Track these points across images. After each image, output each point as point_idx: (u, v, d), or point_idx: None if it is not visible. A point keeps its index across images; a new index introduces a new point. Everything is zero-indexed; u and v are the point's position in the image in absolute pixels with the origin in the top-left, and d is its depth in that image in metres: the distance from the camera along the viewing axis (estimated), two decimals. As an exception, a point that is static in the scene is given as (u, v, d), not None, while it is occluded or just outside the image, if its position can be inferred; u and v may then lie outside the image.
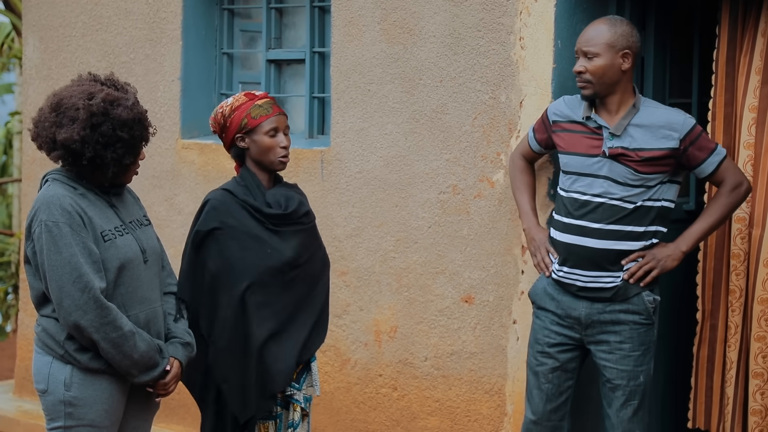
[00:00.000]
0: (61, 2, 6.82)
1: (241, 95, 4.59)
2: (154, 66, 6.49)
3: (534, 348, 4.88)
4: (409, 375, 5.63)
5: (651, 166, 4.62)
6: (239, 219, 4.49)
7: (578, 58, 4.70)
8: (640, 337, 4.72)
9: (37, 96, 6.89)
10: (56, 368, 4.08)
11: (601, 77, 4.63)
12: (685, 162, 4.67)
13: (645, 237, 4.68)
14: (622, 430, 4.76)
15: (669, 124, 4.63)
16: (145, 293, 4.18)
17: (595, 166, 4.67)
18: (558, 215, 4.79)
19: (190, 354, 4.33)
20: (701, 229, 4.75)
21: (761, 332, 4.93)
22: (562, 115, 4.82)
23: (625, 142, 4.63)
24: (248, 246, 4.48)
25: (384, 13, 5.60)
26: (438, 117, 5.46)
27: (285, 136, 4.56)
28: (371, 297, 5.73)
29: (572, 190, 4.72)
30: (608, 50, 4.62)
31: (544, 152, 5.02)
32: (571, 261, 4.73)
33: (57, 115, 4.04)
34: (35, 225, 4.02)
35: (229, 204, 4.51)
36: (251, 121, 4.52)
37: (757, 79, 4.97)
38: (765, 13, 4.95)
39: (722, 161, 4.69)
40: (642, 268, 4.67)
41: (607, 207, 4.64)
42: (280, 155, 4.54)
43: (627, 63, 4.64)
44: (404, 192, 5.59)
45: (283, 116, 4.58)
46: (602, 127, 4.67)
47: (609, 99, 4.68)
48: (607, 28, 4.64)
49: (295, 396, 4.58)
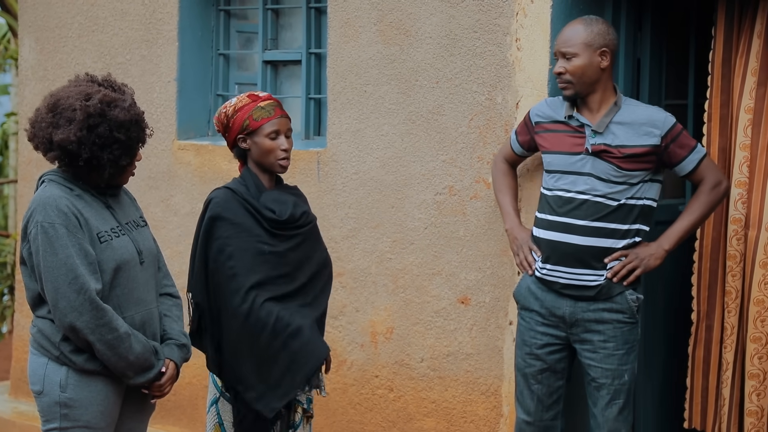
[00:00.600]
0: (57, 3, 6.82)
1: (244, 96, 4.60)
2: (151, 67, 6.48)
3: (522, 350, 4.89)
4: (405, 376, 5.63)
5: (633, 162, 4.65)
6: (239, 216, 4.51)
7: (557, 59, 4.74)
8: (624, 336, 4.73)
9: (33, 97, 6.89)
10: (52, 369, 4.08)
11: (581, 77, 4.68)
12: (666, 159, 4.72)
13: (628, 235, 4.71)
14: (607, 429, 4.77)
15: (651, 121, 4.68)
16: (141, 295, 4.17)
17: (578, 164, 4.71)
18: (542, 213, 4.82)
19: (185, 355, 4.33)
20: (683, 227, 4.79)
21: (757, 333, 4.93)
22: (545, 116, 4.86)
23: (608, 139, 4.67)
24: (248, 242, 4.49)
25: (380, 15, 5.60)
26: (434, 118, 5.46)
27: (287, 139, 4.57)
28: (367, 298, 5.73)
29: (556, 188, 4.75)
30: (586, 49, 4.67)
31: (526, 155, 5.06)
32: (554, 258, 4.75)
33: (54, 116, 4.04)
34: (31, 226, 4.01)
35: (230, 201, 4.53)
36: (253, 123, 4.53)
37: (753, 81, 4.98)
38: (761, 15, 4.96)
39: (702, 159, 4.74)
40: (625, 266, 4.70)
41: (591, 204, 4.67)
42: (280, 158, 4.55)
43: (605, 61, 4.69)
44: (400, 193, 5.59)
45: (286, 119, 4.59)
46: (584, 125, 4.72)
47: (590, 98, 4.73)
48: (583, 27, 4.70)
49: (298, 397, 4.58)
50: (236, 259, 4.46)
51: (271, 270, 4.49)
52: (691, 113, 5.59)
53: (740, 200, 5.00)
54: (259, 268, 4.48)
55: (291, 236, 4.57)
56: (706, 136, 5.15)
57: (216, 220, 4.50)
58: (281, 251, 4.52)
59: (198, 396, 6.27)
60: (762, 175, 4.95)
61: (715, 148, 5.13)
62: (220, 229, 4.49)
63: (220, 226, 4.49)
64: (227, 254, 4.47)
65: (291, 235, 4.57)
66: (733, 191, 5.01)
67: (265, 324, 4.43)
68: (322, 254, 4.69)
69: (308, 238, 4.63)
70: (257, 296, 4.44)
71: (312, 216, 4.68)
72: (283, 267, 4.52)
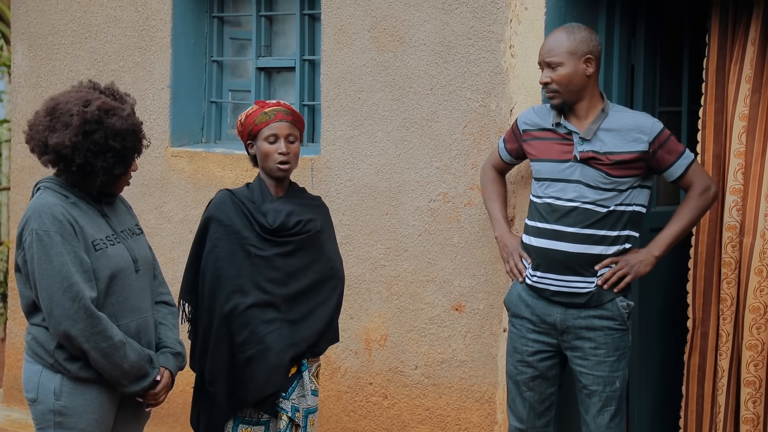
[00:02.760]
0: (50, 10, 6.81)
1: (255, 104, 4.71)
2: (144, 74, 6.47)
3: (513, 357, 4.89)
4: (399, 383, 5.62)
5: (622, 169, 4.65)
6: (233, 218, 4.58)
7: (542, 69, 4.74)
8: (615, 343, 4.73)
9: (25, 104, 6.87)
10: (46, 377, 4.07)
11: (568, 85, 4.68)
12: (654, 165, 4.72)
13: (618, 242, 4.71)
14: None
15: (638, 127, 4.68)
16: (137, 303, 4.16)
17: (567, 171, 4.71)
18: (531, 221, 4.82)
19: (180, 364, 4.32)
20: (672, 233, 4.79)
21: (753, 340, 4.93)
22: (532, 124, 4.86)
23: (596, 146, 4.67)
24: (236, 243, 4.56)
25: (374, 21, 5.60)
26: (428, 125, 5.46)
27: (290, 144, 4.62)
28: (361, 305, 5.72)
29: (546, 196, 4.76)
30: (571, 58, 4.67)
31: (514, 162, 5.07)
32: (544, 266, 4.76)
33: (51, 120, 4.04)
34: (26, 234, 4.01)
35: (226, 203, 4.62)
36: (254, 128, 4.63)
37: (747, 88, 4.98)
38: (755, 22, 4.96)
39: (690, 164, 4.75)
40: (615, 273, 4.70)
41: (580, 211, 4.67)
42: (277, 161, 4.58)
43: (591, 68, 4.69)
44: (394, 200, 5.59)
45: (287, 123, 4.62)
46: (572, 133, 4.72)
47: (578, 105, 4.73)
48: (566, 36, 4.70)
49: (281, 404, 4.58)
50: (223, 260, 4.55)
51: (256, 273, 4.54)
52: (685, 120, 5.59)
53: (735, 207, 5.00)
54: (246, 270, 4.54)
55: (282, 243, 4.58)
56: (701, 143, 5.16)
57: (209, 221, 4.62)
58: (268, 256, 4.56)
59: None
60: (756, 183, 4.95)
61: (710, 155, 5.14)
62: (212, 229, 4.59)
63: (212, 227, 4.60)
64: (215, 255, 4.56)
65: (282, 242, 4.58)
66: (728, 198, 5.02)
67: (242, 331, 4.51)
68: (325, 265, 4.68)
69: (304, 247, 4.63)
70: (240, 302, 4.52)
71: (313, 225, 4.66)
72: (272, 272, 4.56)
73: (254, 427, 4.62)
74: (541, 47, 4.77)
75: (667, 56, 5.60)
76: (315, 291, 4.64)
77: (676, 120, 5.58)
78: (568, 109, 4.75)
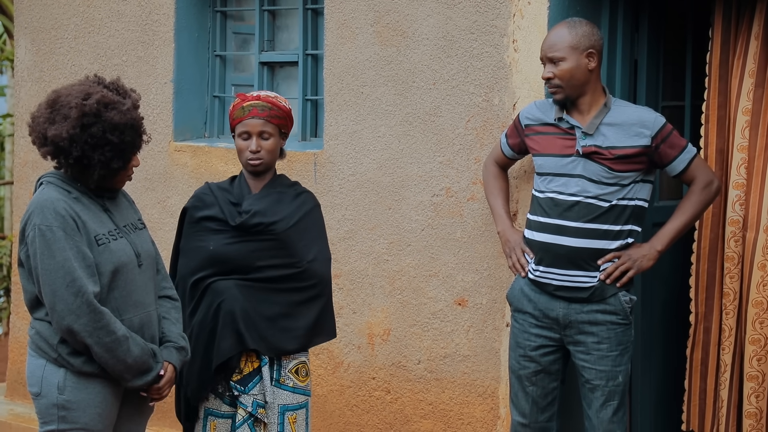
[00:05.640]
0: (53, 4, 6.81)
1: (237, 96, 4.71)
2: (147, 68, 6.48)
3: (516, 351, 4.90)
4: (402, 378, 5.62)
5: (624, 164, 4.66)
6: (203, 207, 4.67)
7: (544, 65, 4.74)
8: (618, 338, 4.74)
9: (28, 98, 6.88)
10: (50, 371, 4.07)
11: (570, 80, 4.68)
12: (657, 160, 4.72)
13: (621, 236, 4.71)
14: (602, 431, 4.77)
15: (641, 121, 4.68)
16: (140, 297, 4.17)
17: (569, 166, 4.71)
18: (533, 215, 4.82)
19: (184, 358, 4.32)
20: (675, 228, 4.79)
21: (756, 335, 4.93)
22: (535, 119, 4.86)
23: (598, 141, 4.67)
24: (200, 232, 4.67)
25: (377, 16, 5.60)
26: (431, 119, 5.46)
27: (263, 141, 4.62)
28: (364, 300, 5.73)
29: (548, 191, 4.76)
30: (572, 52, 4.67)
31: (516, 157, 5.07)
32: (546, 260, 4.76)
33: (51, 112, 4.04)
34: (29, 229, 4.01)
35: (204, 192, 4.73)
36: (232, 122, 4.70)
37: (750, 82, 4.98)
38: (758, 16, 4.96)
39: (693, 159, 4.75)
40: (618, 268, 4.71)
41: (583, 205, 4.68)
42: (248, 158, 4.64)
43: (593, 62, 4.69)
44: (397, 195, 5.59)
45: (260, 120, 4.61)
46: (575, 127, 4.72)
47: (580, 100, 4.74)
48: (568, 30, 4.70)
49: (240, 399, 4.60)
50: (185, 251, 4.70)
51: (213, 261, 4.61)
52: (688, 115, 5.59)
53: (738, 202, 5.00)
54: (206, 260, 4.62)
55: (246, 240, 4.62)
56: (704, 138, 5.16)
57: (184, 212, 4.75)
58: (227, 243, 4.61)
59: (194, 398, 6.26)
60: (760, 177, 4.95)
61: (713, 149, 5.14)
62: (185, 220, 4.74)
63: (186, 218, 4.73)
64: (182, 245, 4.74)
65: (246, 239, 4.62)
66: (731, 193, 5.02)
67: (210, 306, 4.59)
68: (291, 264, 4.63)
69: (268, 248, 4.61)
70: (205, 277, 4.62)
71: (280, 225, 4.63)
72: (229, 259, 4.61)
73: (219, 420, 4.64)
74: (543, 42, 4.77)
75: (670, 51, 5.60)
76: (281, 288, 4.62)
77: (679, 115, 5.57)
78: (570, 104, 4.75)
